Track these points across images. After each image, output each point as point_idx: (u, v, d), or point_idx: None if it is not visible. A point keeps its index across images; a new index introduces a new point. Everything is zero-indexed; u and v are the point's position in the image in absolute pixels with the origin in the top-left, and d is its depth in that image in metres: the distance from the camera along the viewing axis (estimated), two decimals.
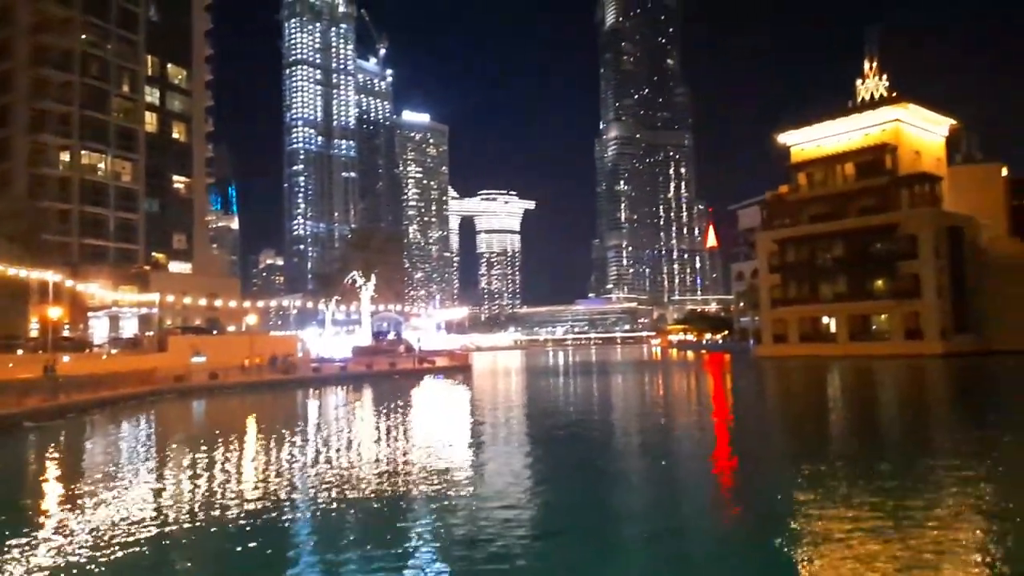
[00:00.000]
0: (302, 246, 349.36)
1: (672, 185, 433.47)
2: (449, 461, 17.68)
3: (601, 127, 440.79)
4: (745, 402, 35.66)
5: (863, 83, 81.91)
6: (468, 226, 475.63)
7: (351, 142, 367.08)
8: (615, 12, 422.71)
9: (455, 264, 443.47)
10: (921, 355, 64.59)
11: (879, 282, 72.98)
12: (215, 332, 68.68)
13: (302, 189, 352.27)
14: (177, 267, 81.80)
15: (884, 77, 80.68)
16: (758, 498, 13.24)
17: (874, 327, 73.95)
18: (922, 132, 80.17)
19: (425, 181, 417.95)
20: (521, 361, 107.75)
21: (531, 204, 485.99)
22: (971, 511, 11.35)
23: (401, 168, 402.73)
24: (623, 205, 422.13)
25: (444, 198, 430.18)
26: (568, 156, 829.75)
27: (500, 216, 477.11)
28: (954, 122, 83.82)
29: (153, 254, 78.76)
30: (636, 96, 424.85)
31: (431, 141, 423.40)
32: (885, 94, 79.95)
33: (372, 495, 13.75)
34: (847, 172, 79.84)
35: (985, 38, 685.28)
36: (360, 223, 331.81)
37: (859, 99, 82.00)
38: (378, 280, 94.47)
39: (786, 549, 9.73)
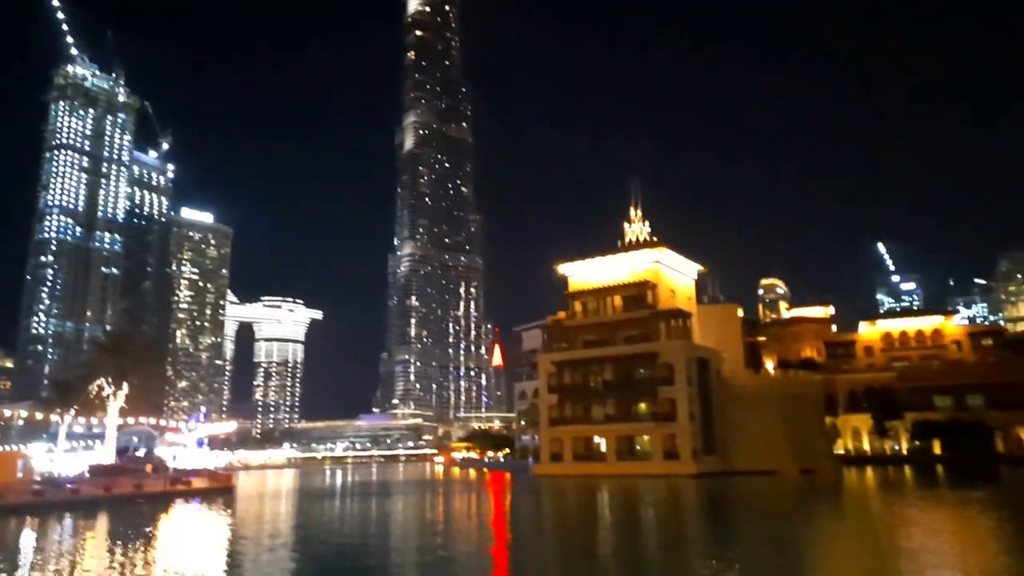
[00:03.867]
0: (40, 347, 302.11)
1: (462, 304, 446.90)
2: None
3: (395, 243, 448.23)
4: (521, 526, 35.71)
5: (630, 226, 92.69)
6: (247, 333, 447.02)
7: (116, 236, 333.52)
8: (414, 139, 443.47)
9: (227, 373, 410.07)
10: (678, 474, 70.21)
11: (642, 405, 79.43)
12: None
13: (50, 283, 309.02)
14: None
15: (646, 223, 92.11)
16: None
17: (638, 447, 79.54)
18: (676, 273, 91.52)
19: (201, 283, 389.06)
20: (295, 481, 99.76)
21: (318, 314, 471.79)
22: None
23: (174, 268, 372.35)
24: (413, 320, 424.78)
25: (221, 302, 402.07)
26: (360, 269, 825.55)
27: (284, 324, 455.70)
28: (701, 267, 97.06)
29: None
30: (431, 217, 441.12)
31: (212, 242, 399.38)
32: (647, 238, 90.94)
33: None
34: (616, 304, 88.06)
35: (725, 198, 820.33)
36: (117, 324, 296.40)
37: (627, 240, 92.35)
38: (132, 389, 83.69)
39: None
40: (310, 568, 21.31)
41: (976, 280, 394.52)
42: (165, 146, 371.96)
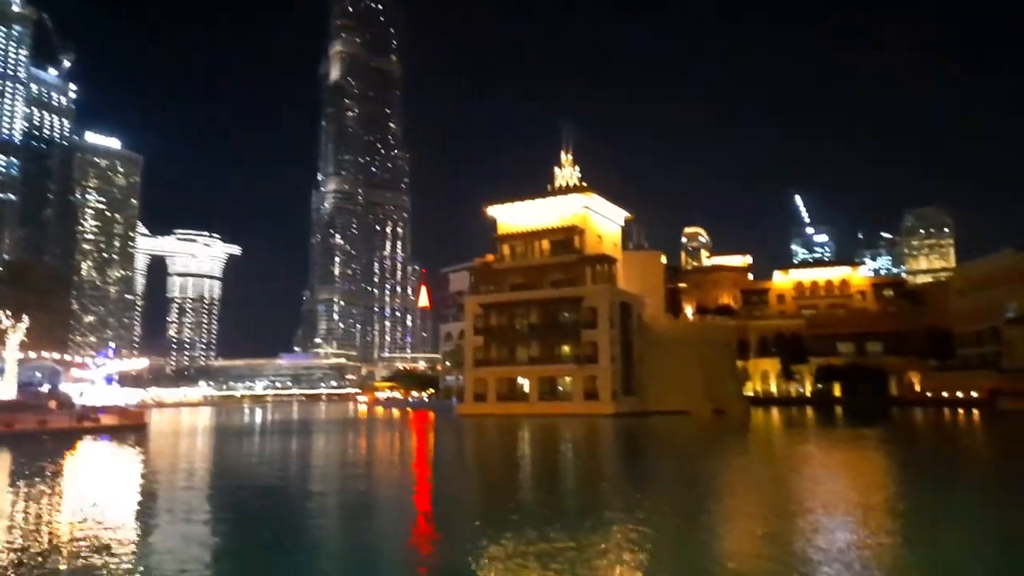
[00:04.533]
0: None
1: (388, 244, 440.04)
2: (108, 542, 14.47)
3: (319, 179, 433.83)
4: (444, 461, 36.08)
5: (560, 171, 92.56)
6: (160, 268, 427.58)
7: (13, 159, 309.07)
8: (340, 69, 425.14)
9: (138, 308, 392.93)
10: (597, 414, 72.53)
11: (566, 348, 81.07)
12: None
13: None
14: None
15: (576, 168, 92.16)
16: (448, 558, 13.33)
17: (560, 388, 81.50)
18: (604, 220, 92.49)
19: (109, 213, 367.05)
20: (212, 419, 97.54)
21: (236, 249, 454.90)
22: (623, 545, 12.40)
23: (79, 196, 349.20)
24: (337, 259, 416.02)
25: (131, 234, 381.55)
26: (282, 205, 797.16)
27: (200, 259, 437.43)
28: (628, 214, 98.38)
29: None
30: (357, 153, 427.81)
31: (120, 169, 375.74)
32: (576, 183, 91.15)
33: None
34: (544, 248, 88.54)
35: (654, 147, 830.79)
36: (15, 254, 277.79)
37: (556, 184, 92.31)
38: (34, 323, 78.82)
39: None
40: (226, 505, 20.83)
41: (883, 234, 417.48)
42: (67, 64, 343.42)
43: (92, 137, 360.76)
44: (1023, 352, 72.48)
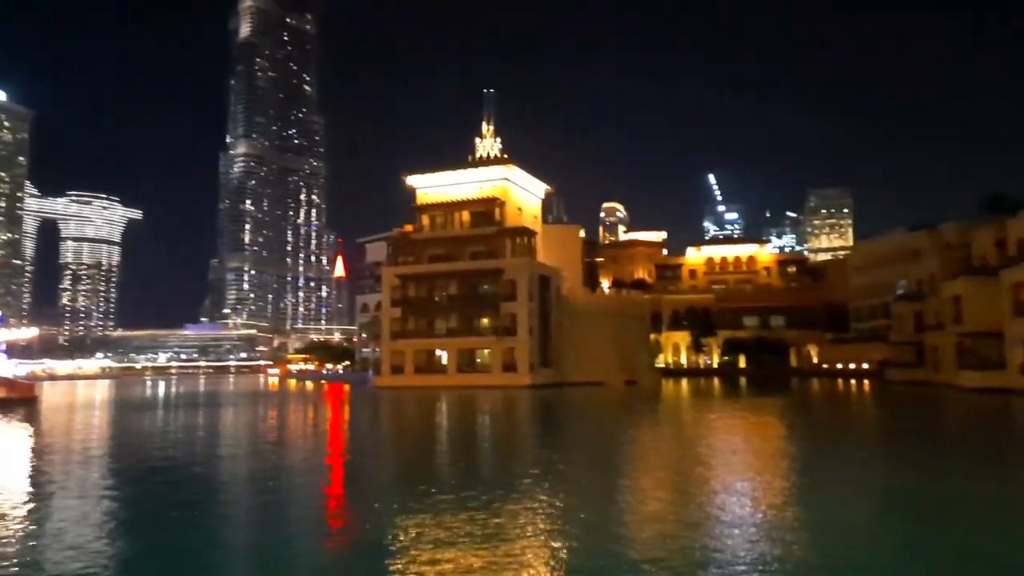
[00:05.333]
0: None
1: (302, 211, 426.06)
2: None
3: (228, 141, 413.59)
4: (357, 433, 35.47)
5: (481, 142, 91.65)
6: (52, 231, 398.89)
7: None
8: (251, 24, 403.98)
9: (27, 274, 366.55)
10: (515, 386, 73.18)
11: (485, 320, 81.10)
12: None
13: None
14: None
15: (498, 139, 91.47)
16: (360, 529, 13.29)
17: (478, 360, 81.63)
18: (524, 192, 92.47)
19: None
20: (110, 392, 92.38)
21: (137, 214, 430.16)
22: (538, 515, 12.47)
23: None
24: (248, 226, 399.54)
25: (19, 194, 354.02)
26: (188, 168, 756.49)
27: (96, 223, 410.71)
28: (548, 188, 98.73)
29: None
30: (268, 115, 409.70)
31: (6, 124, 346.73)
32: (498, 155, 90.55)
33: None
34: (464, 219, 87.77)
35: (574, 122, 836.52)
36: None
37: (477, 155, 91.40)
38: None
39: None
40: (124, 481, 19.58)
41: (788, 213, 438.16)
42: None
43: None
44: (908, 327, 77.79)
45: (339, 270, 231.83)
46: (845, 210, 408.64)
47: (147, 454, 26.57)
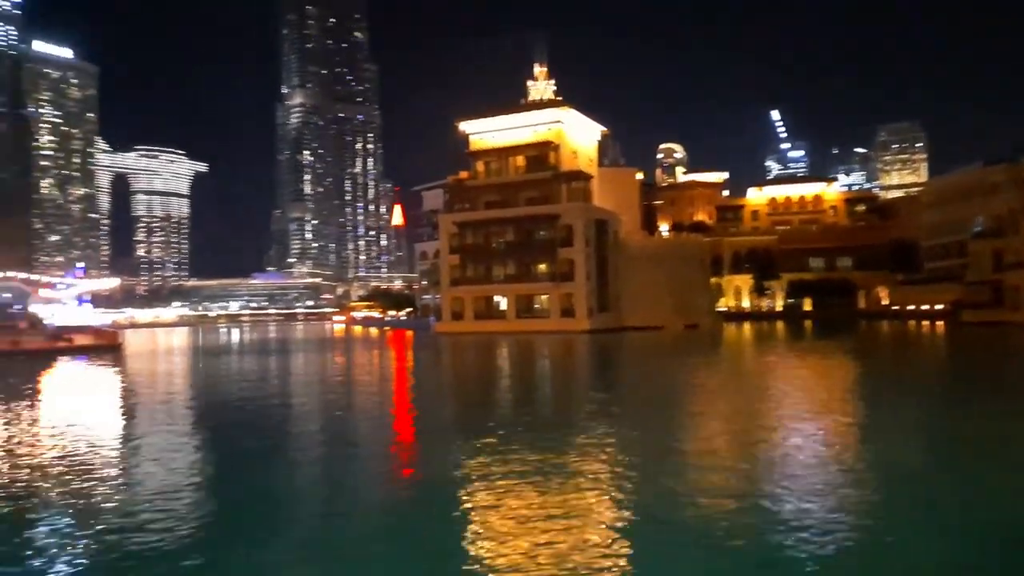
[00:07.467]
0: None
1: (359, 161, 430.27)
2: (101, 456, 14.56)
3: (284, 91, 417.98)
4: (422, 376, 36.61)
5: (535, 84, 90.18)
6: (123, 185, 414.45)
7: None
8: None
9: (104, 228, 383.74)
10: (572, 331, 73.73)
11: (542, 266, 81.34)
12: None
13: None
14: None
15: (552, 81, 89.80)
16: (433, 469, 13.51)
17: (536, 306, 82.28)
18: (579, 135, 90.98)
19: (65, 128, 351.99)
20: (188, 339, 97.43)
21: (203, 166, 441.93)
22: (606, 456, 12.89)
23: (32, 109, 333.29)
24: (307, 177, 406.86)
25: (90, 150, 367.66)
26: (247, 119, 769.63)
27: (164, 177, 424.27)
28: (604, 129, 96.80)
29: None
30: (322, 65, 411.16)
31: (74, 81, 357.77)
32: (552, 97, 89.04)
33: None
34: (518, 164, 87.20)
35: (631, 62, 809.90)
36: None
37: (531, 98, 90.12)
38: None
39: (460, 514, 9.81)
40: (210, 419, 21.00)
41: (856, 149, 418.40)
42: None
43: (40, 46, 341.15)
44: (986, 265, 74.33)
45: (397, 218, 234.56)
46: (918, 144, 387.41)
47: (229, 394, 28.27)
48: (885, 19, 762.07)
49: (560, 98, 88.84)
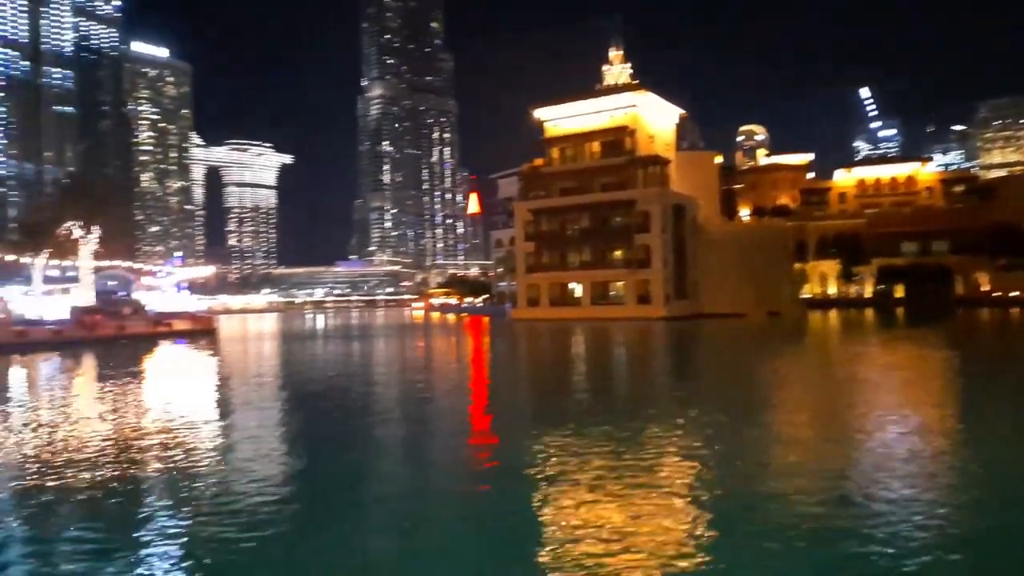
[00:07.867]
0: (3, 189, 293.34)
1: (436, 150, 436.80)
2: (202, 434, 15.76)
3: (364, 84, 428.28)
4: (499, 362, 37.19)
5: (610, 68, 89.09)
6: (215, 178, 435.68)
7: (67, 71, 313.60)
8: None
9: (199, 219, 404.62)
10: (649, 318, 72.90)
11: (618, 252, 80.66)
12: None
13: (3, 122, 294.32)
14: None
15: (627, 65, 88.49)
16: (509, 455, 13.64)
17: (612, 293, 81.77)
18: (656, 118, 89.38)
19: (162, 124, 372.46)
20: (277, 325, 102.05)
21: (288, 158, 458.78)
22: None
23: (132, 107, 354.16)
24: (386, 167, 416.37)
25: (185, 145, 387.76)
26: (328, 112, 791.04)
27: (253, 169, 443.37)
28: (682, 112, 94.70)
29: None
30: (400, 57, 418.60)
31: (169, 79, 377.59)
32: (627, 81, 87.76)
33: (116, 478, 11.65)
34: (593, 150, 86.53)
35: (709, 44, 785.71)
36: (78, 167, 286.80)
37: (605, 83, 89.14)
38: (103, 233, 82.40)
39: (536, 503, 10.09)
40: (298, 398, 22.18)
41: (953, 127, 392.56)
42: None
43: (139, 47, 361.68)
44: None
45: (473, 206, 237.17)
46: (1022, 121, 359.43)
47: (317, 376, 29.70)
48: None
49: (636, 82, 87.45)
